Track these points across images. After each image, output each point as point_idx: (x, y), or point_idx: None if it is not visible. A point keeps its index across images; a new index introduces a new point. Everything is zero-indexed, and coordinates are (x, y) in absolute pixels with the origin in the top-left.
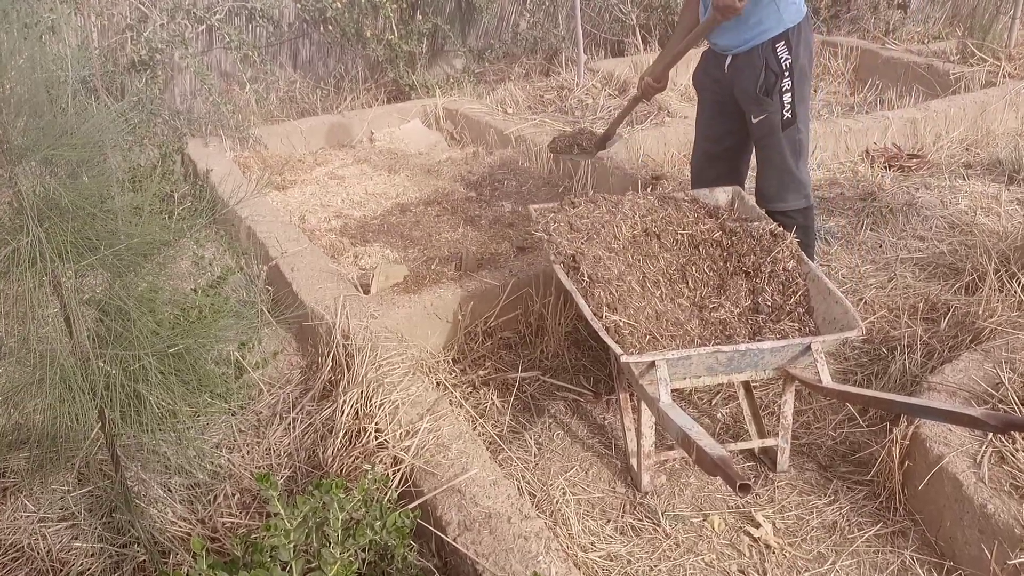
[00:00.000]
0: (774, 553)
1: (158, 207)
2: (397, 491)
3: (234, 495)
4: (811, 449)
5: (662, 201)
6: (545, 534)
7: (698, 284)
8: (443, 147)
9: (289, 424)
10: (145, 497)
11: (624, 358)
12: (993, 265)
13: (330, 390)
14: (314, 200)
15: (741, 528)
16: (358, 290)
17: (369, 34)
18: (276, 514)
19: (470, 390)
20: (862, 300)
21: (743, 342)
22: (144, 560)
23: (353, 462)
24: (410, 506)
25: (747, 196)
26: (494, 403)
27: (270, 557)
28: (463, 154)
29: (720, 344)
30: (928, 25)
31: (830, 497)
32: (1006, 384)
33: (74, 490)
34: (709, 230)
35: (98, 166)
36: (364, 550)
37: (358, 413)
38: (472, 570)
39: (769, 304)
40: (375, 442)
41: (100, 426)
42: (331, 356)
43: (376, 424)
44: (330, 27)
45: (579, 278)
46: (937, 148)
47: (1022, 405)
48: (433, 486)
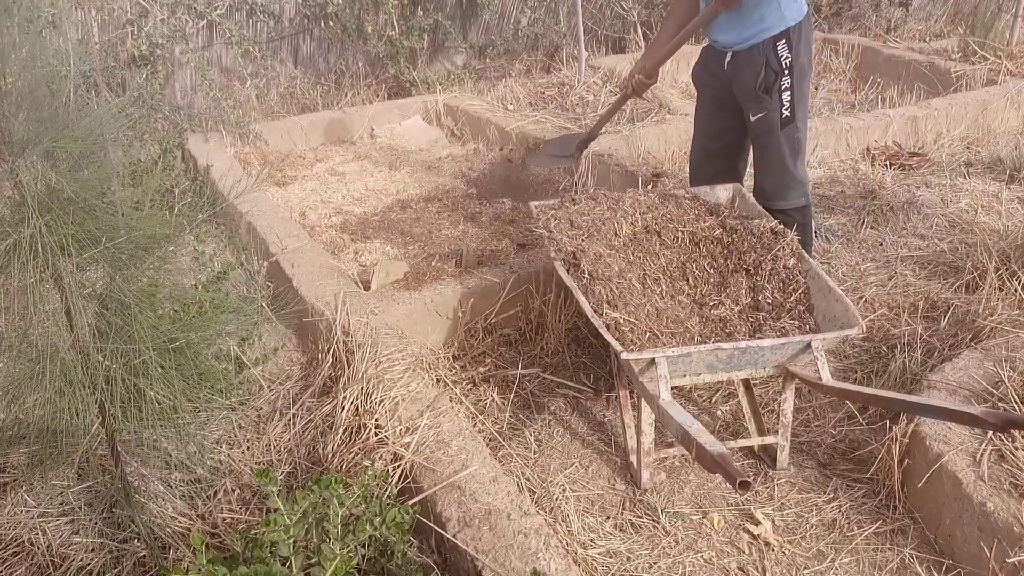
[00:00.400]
0: (773, 550)
1: (159, 202)
2: (397, 487)
3: (234, 491)
4: (811, 447)
5: (663, 198)
6: (545, 531)
7: (698, 281)
8: (444, 144)
9: (289, 420)
10: (145, 492)
11: (624, 355)
12: (993, 263)
13: (330, 386)
14: (314, 196)
15: (741, 525)
16: (358, 286)
17: (370, 30)
18: (276, 510)
19: (470, 387)
20: (862, 298)
21: (743, 340)
22: (144, 555)
23: (353, 458)
24: (410, 502)
25: (748, 194)
26: (494, 400)
27: (270, 552)
28: (464, 151)
29: (720, 341)
30: (930, 23)
31: (830, 495)
32: (1006, 382)
33: (74, 485)
34: (710, 227)
35: (99, 160)
36: (364, 546)
37: (358, 409)
38: (472, 566)
39: (769, 302)
40: (375, 438)
41: (100, 421)
42: (331, 352)
43: (376, 420)
44: (331, 23)
45: (579, 275)
46: (938, 146)
47: (1022, 404)
48: (433, 482)
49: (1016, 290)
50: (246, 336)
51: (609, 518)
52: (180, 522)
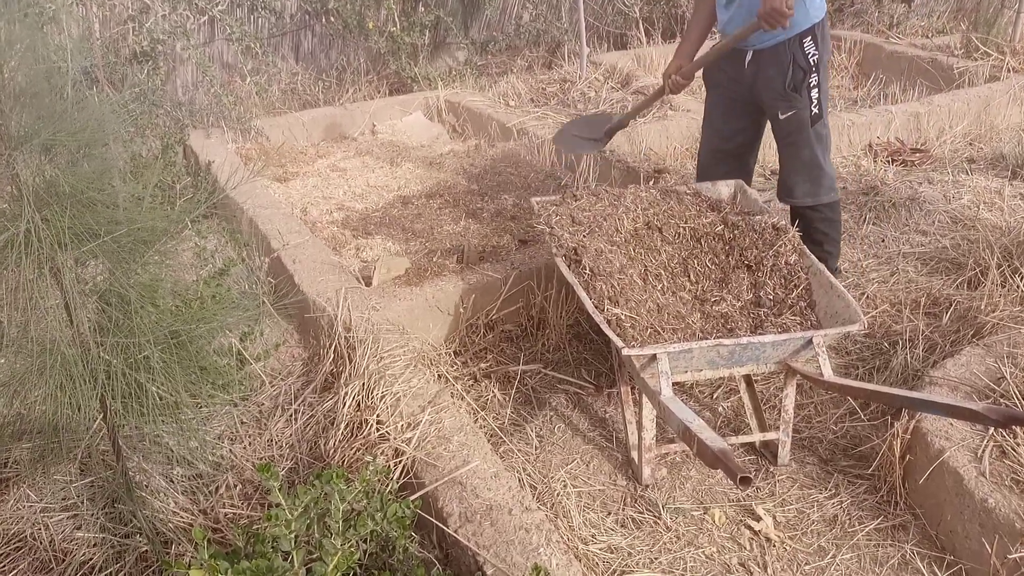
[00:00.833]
0: (775, 546)
1: (159, 197)
2: (398, 482)
3: (236, 486)
4: (812, 443)
5: (664, 194)
6: (546, 526)
7: (700, 278)
8: (445, 140)
9: (291, 415)
10: (147, 487)
11: (625, 351)
12: (995, 260)
13: (332, 382)
14: (316, 192)
15: (742, 521)
16: (360, 282)
17: (371, 26)
18: (277, 505)
19: (471, 383)
20: (864, 294)
21: (745, 336)
22: (146, 550)
23: (355, 454)
24: (411, 497)
25: (750, 190)
26: (495, 396)
27: (271, 547)
28: (465, 147)
29: (722, 338)
30: (932, 19)
31: (831, 491)
32: (1008, 379)
33: (76, 480)
34: (711, 224)
35: (99, 155)
36: (365, 541)
37: (360, 405)
38: (473, 561)
39: (771, 298)
40: (376, 434)
41: (102, 416)
42: (333, 348)
43: (377, 416)
44: (332, 18)
45: (581, 271)
46: (940, 143)
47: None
48: (434, 478)
49: (1018, 286)
50: (248, 332)
51: (610, 514)
52: (182, 517)
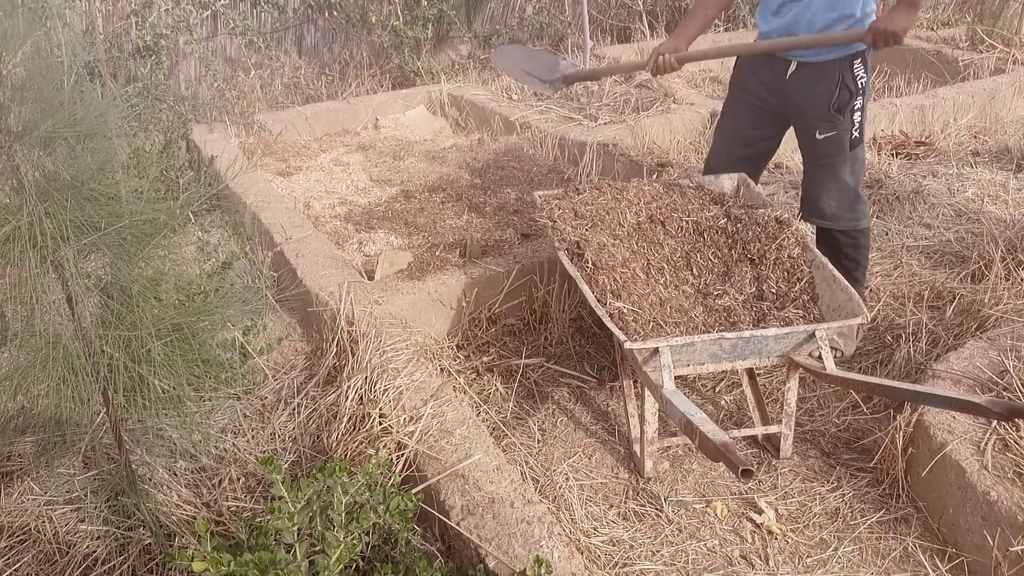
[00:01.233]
0: (776, 539)
1: (162, 191)
2: (401, 476)
3: (239, 479)
4: (814, 436)
5: (667, 188)
6: (548, 519)
7: (703, 271)
8: (448, 134)
9: (294, 409)
10: (150, 480)
11: (628, 344)
12: (1000, 253)
13: (334, 376)
14: (319, 186)
15: (744, 514)
16: (362, 276)
17: (374, 20)
18: (280, 497)
19: (474, 376)
20: (867, 287)
21: (747, 329)
22: (149, 543)
23: (357, 447)
24: (414, 490)
25: (752, 183)
26: (498, 389)
27: (274, 540)
28: (468, 141)
29: (724, 331)
30: (937, 11)
31: (833, 484)
32: (1011, 372)
33: (80, 473)
34: (714, 217)
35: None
36: (367, 533)
37: (362, 398)
38: (475, 554)
39: (774, 291)
40: (379, 427)
41: (105, 410)
42: (335, 342)
43: (380, 409)
44: (335, 13)
45: (583, 265)
46: (945, 135)
47: None
48: (437, 471)
49: (1022, 280)
50: (251, 325)
51: (612, 507)
52: (185, 510)
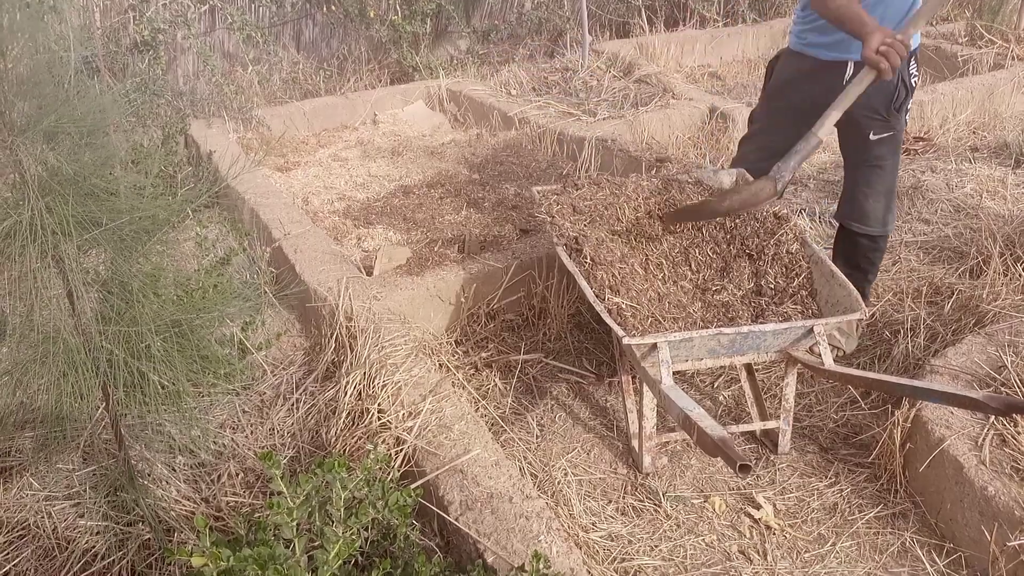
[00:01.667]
0: (774, 534)
1: (161, 187)
2: (399, 471)
3: (238, 474)
4: (813, 431)
5: (666, 183)
6: (546, 514)
7: (701, 267)
8: (446, 129)
9: (293, 405)
10: (149, 476)
11: (626, 340)
12: (998, 249)
13: (333, 371)
14: (317, 182)
15: (742, 509)
16: (361, 272)
17: (373, 14)
18: (279, 493)
19: (472, 372)
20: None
21: (745, 324)
22: (149, 538)
23: (356, 442)
24: (412, 486)
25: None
26: (496, 385)
27: (273, 535)
28: (466, 136)
29: (722, 326)
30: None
31: (831, 479)
32: (1009, 367)
33: (79, 469)
34: None
35: (100, 143)
36: (366, 528)
37: (361, 394)
38: (474, 549)
39: (772, 287)
40: (378, 423)
41: (104, 405)
42: (334, 337)
43: (379, 405)
44: (333, 7)
45: (582, 260)
46: (944, 131)
47: None
48: (435, 466)
49: (1020, 275)
50: (249, 321)
51: (611, 502)
52: (184, 505)
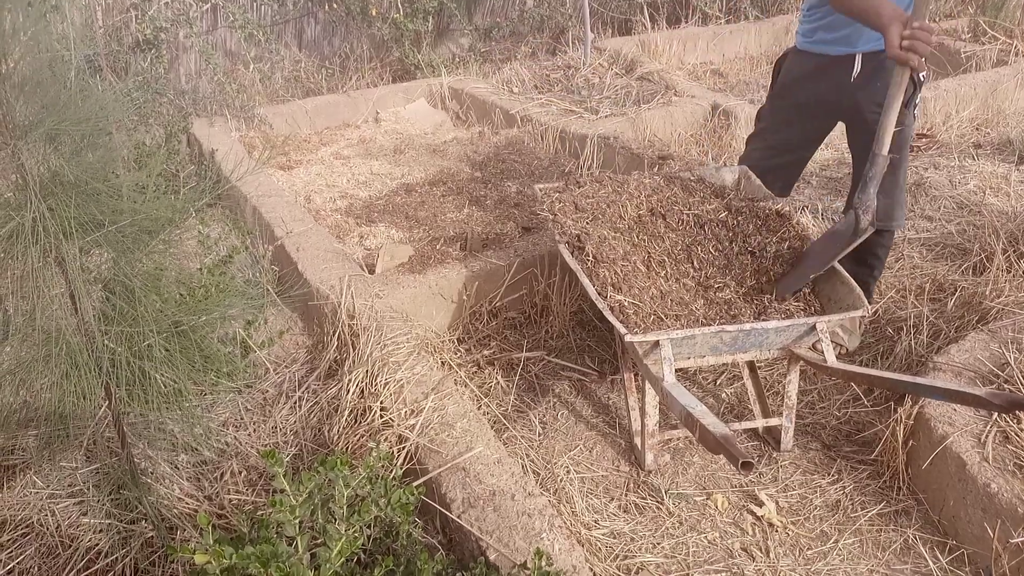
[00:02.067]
0: (777, 531)
1: (163, 186)
2: (402, 469)
3: (240, 472)
4: (815, 429)
5: (668, 181)
6: (549, 511)
7: (703, 264)
8: (448, 127)
9: (295, 403)
10: (152, 474)
11: (628, 337)
12: (1001, 245)
13: (335, 369)
14: (319, 180)
15: (744, 507)
16: (363, 270)
17: (374, 13)
18: (282, 491)
19: (475, 370)
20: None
21: (748, 322)
22: (151, 536)
23: (358, 440)
24: (415, 483)
25: (753, 176)
26: (499, 383)
27: (276, 533)
28: (469, 134)
29: (725, 324)
30: (940, 2)
31: (834, 476)
32: (1012, 364)
33: (82, 467)
34: (715, 210)
35: (103, 143)
36: (369, 526)
37: (363, 392)
38: (476, 547)
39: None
40: (380, 420)
41: (107, 404)
42: (336, 335)
43: (381, 403)
44: (335, 5)
45: (584, 258)
46: (947, 127)
47: None
48: (438, 464)
49: (1023, 272)
50: (252, 320)
51: (613, 499)
52: (187, 503)
